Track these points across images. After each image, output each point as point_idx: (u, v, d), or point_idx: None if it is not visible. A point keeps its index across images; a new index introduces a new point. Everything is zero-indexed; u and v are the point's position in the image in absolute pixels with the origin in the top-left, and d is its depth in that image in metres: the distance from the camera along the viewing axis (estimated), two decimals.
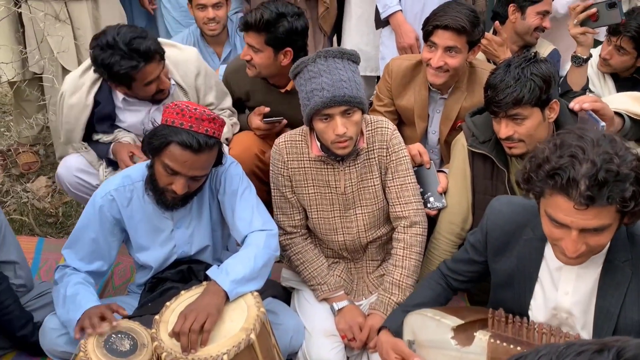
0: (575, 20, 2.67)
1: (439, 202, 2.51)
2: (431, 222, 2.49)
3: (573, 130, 1.61)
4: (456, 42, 2.55)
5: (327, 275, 2.45)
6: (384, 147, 2.36)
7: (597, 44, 3.06)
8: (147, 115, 2.75)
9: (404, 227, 2.38)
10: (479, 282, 2.13)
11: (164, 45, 2.65)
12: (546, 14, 3.17)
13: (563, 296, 1.80)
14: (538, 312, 1.87)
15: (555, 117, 2.27)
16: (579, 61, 2.75)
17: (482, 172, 2.41)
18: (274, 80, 2.92)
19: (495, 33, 3.15)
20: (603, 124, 2.17)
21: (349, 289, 2.50)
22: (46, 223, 3.43)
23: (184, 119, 2.06)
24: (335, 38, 3.99)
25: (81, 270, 2.23)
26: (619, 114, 2.37)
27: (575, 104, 2.27)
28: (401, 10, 3.32)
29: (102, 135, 2.80)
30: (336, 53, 2.22)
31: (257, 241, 2.17)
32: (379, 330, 2.13)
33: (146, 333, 1.99)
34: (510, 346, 1.80)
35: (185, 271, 2.36)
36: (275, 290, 2.46)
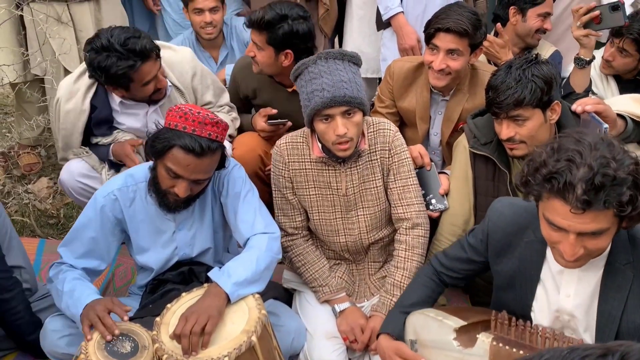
0: (579, 22, 2.66)
1: (441, 204, 2.50)
2: (433, 224, 2.49)
3: (571, 134, 1.62)
4: (458, 45, 2.55)
5: (329, 277, 2.45)
6: (386, 149, 2.36)
7: (600, 45, 3.06)
8: (145, 117, 2.75)
9: (406, 229, 2.38)
10: (473, 280, 2.12)
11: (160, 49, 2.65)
12: (547, 15, 3.17)
13: (565, 299, 1.80)
14: (540, 314, 1.87)
15: (557, 119, 2.27)
16: (581, 63, 2.75)
17: (484, 174, 2.41)
18: (280, 79, 2.93)
19: (497, 35, 3.15)
20: (606, 126, 2.16)
21: (350, 291, 2.49)
22: (47, 224, 3.43)
23: (187, 123, 2.06)
24: (337, 40, 3.99)
25: (77, 268, 2.21)
26: (621, 116, 2.36)
27: (577, 106, 2.27)
28: (403, 12, 3.31)
29: (101, 137, 2.80)
30: (337, 54, 2.23)
31: (260, 244, 2.16)
32: (378, 335, 2.12)
33: (147, 335, 1.99)
34: (512, 349, 1.80)
35: (187, 273, 2.36)
36: (277, 292, 2.45)
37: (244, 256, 2.14)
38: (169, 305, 2.05)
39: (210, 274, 2.09)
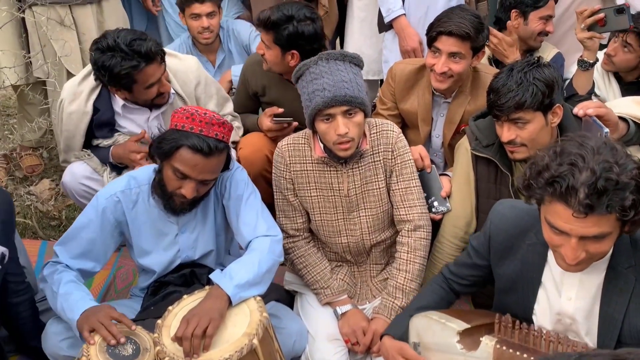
0: (583, 24, 2.66)
1: (443, 206, 2.50)
2: (435, 226, 2.49)
3: (574, 137, 1.62)
4: (460, 48, 2.55)
5: (330, 279, 2.45)
6: (389, 150, 2.36)
7: (603, 47, 3.05)
8: (146, 122, 2.76)
9: (408, 231, 2.38)
10: (483, 287, 2.12)
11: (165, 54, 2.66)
12: (549, 18, 3.16)
13: (566, 302, 1.80)
14: (542, 317, 1.86)
15: (559, 122, 2.26)
16: (585, 65, 2.75)
17: (486, 176, 2.41)
18: (288, 77, 2.93)
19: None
20: (607, 130, 2.16)
21: (352, 293, 2.49)
22: (49, 226, 3.43)
23: (194, 123, 2.07)
24: (338, 42, 3.99)
25: (73, 268, 2.20)
26: (623, 119, 2.36)
27: (579, 110, 2.27)
28: (405, 14, 3.31)
29: (102, 139, 2.81)
30: (338, 55, 2.24)
31: (262, 246, 2.16)
32: (382, 337, 2.12)
33: (149, 337, 1.99)
34: (516, 353, 1.79)
35: (188, 275, 2.36)
36: (278, 294, 2.45)
37: (246, 259, 2.14)
38: (170, 307, 2.05)
39: (212, 276, 2.09)
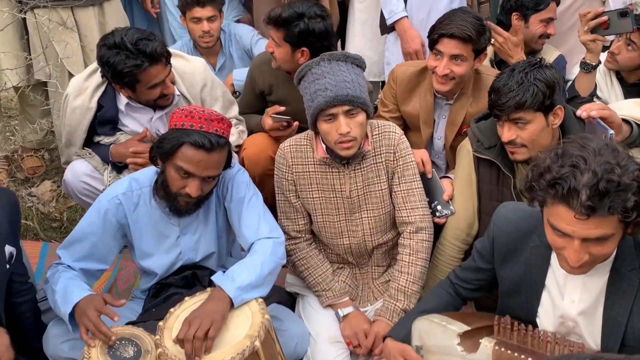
0: (586, 27, 2.66)
1: (447, 210, 2.50)
2: (437, 228, 2.49)
3: (576, 139, 1.62)
4: (462, 51, 2.55)
5: (332, 281, 2.45)
6: (391, 152, 2.36)
7: (605, 49, 3.05)
8: (149, 122, 2.76)
9: (410, 233, 2.38)
10: (489, 292, 2.12)
11: (172, 56, 2.67)
12: (550, 20, 3.16)
13: (569, 304, 1.80)
14: (546, 320, 1.86)
15: (561, 123, 2.26)
16: (587, 68, 2.74)
17: (488, 178, 2.41)
18: None
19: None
20: (611, 132, 2.15)
21: (354, 295, 2.49)
22: (51, 227, 3.43)
23: (193, 121, 2.08)
24: (340, 44, 3.99)
25: (75, 268, 2.20)
26: (626, 121, 2.36)
27: (582, 112, 2.26)
28: (407, 16, 3.31)
29: (104, 137, 2.81)
30: (340, 56, 2.25)
31: (264, 248, 2.16)
32: (384, 339, 2.12)
33: (150, 339, 1.99)
34: (515, 354, 1.80)
35: (190, 277, 2.36)
36: (280, 296, 2.45)
37: (248, 260, 2.14)
38: (172, 309, 2.05)
39: (214, 278, 2.09)
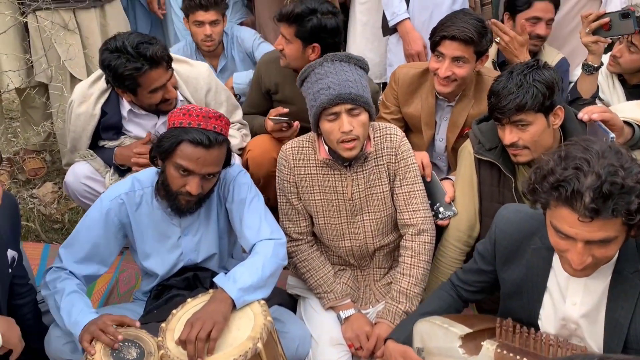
0: (588, 28, 2.66)
1: (449, 211, 2.50)
2: (438, 230, 2.49)
3: (578, 141, 1.62)
4: (464, 53, 2.55)
5: (334, 283, 2.45)
6: (393, 154, 2.36)
7: (607, 51, 3.04)
8: (154, 128, 2.77)
9: (412, 235, 2.38)
10: (491, 294, 2.12)
11: (175, 62, 2.68)
12: (537, 20, 3.12)
13: (571, 307, 1.79)
14: (547, 322, 1.86)
15: (562, 124, 2.26)
16: (589, 69, 2.74)
17: (489, 180, 2.41)
18: None
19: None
20: (613, 136, 2.15)
21: (355, 297, 2.49)
22: (52, 229, 3.44)
23: (191, 119, 2.10)
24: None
25: (77, 275, 2.20)
26: (628, 123, 2.36)
27: (584, 114, 2.26)
28: (409, 18, 3.32)
29: (108, 141, 2.82)
30: (343, 57, 2.27)
31: (265, 250, 2.16)
32: (386, 341, 2.12)
33: (152, 341, 1.99)
34: (517, 357, 1.80)
35: (191, 279, 2.36)
36: (281, 298, 2.45)
37: (249, 262, 2.14)
38: (174, 311, 2.05)
39: (215, 279, 2.09)
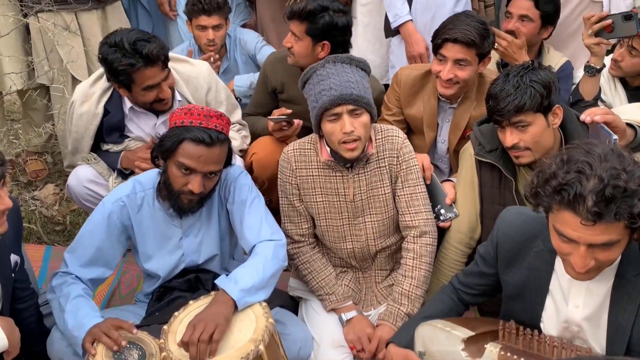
0: (590, 30, 2.66)
1: (451, 213, 2.49)
2: (440, 232, 2.49)
3: (581, 145, 1.61)
4: (466, 55, 2.55)
5: (335, 285, 2.45)
6: (394, 156, 2.36)
7: (609, 52, 3.05)
8: (154, 128, 2.78)
9: (413, 237, 2.37)
10: (492, 297, 2.12)
11: (175, 61, 2.69)
12: (510, 15, 3.07)
13: (573, 309, 1.79)
14: (550, 325, 1.86)
15: (563, 125, 2.26)
16: (592, 71, 2.75)
17: (490, 181, 2.40)
18: None
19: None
20: (615, 137, 2.15)
21: (357, 299, 2.49)
22: (54, 231, 3.43)
23: (192, 118, 2.11)
24: None
25: (82, 279, 2.21)
26: (630, 125, 2.35)
27: (586, 116, 2.26)
28: (412, 20, 3.32)
29: (112, 145, 2.82)
30: (345, 59, 2.27)
31: (266, 251, 2.16)
32: (387, 344, 2.12)
33: (154, 343, 1.99)
34: (521, 359, 1.79)
35: (193, 280, 2.36)
36: (283, 300, 2.45)
37: (250, 263, 2.14)
38: (176, 313, 2.05)
39: (217, 281, 2.09)
